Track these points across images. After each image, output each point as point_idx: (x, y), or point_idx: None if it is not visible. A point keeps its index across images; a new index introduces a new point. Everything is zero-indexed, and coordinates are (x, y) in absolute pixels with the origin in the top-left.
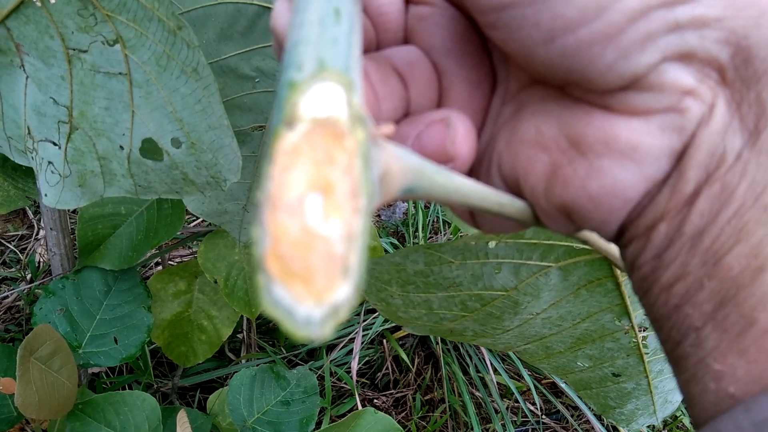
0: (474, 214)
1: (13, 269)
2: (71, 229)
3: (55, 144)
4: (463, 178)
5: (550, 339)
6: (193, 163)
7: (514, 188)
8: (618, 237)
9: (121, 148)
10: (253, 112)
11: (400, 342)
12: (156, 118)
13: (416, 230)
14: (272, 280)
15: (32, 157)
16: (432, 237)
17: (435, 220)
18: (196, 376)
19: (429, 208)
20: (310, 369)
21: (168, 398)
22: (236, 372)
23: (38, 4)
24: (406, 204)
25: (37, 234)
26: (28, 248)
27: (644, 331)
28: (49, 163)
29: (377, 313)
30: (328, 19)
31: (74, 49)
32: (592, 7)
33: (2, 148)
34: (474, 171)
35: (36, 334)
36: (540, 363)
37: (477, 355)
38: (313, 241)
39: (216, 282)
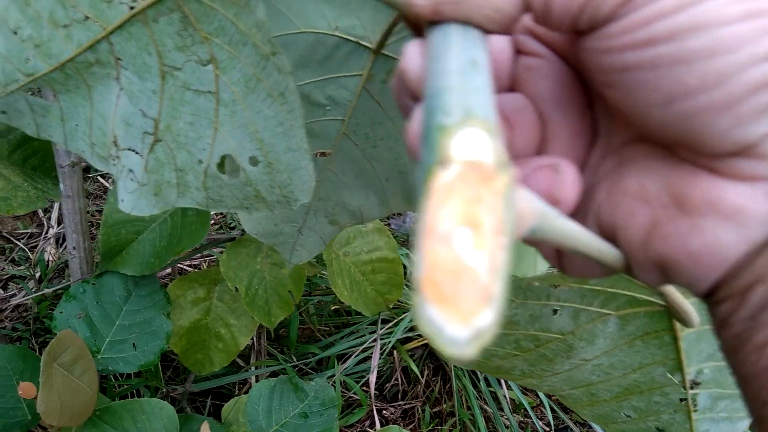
0: (562, 255)
1: (21, 267)
2: (90, 231)
3: (137, 153)
4: (573, 223)
5: (597, 386)
6: (268, 181)
7: (610, 237)
8: (709, 294)
9: (200, 162)
10: (320, 138)
11: (410, 352)
12: (237, 137)
13: None
14: (427, 301)
15: (113, 164)
16: None
17: None
18: (206, 382)
19: None
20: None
21: (178, 404)
22: (246, 378)
23: (142, 22)
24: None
25: (47, 233)
26: (38, 247)
27: (696, 388)
28: (130, 171)
29: (391, 324)
30: (467, 69)
31: (169, 66)
32: (714, 76)
33: (84, 153)
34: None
35: (59, 340)
36: (582, 409)
37: None
38: (462, 270)
39: (237, 290)
